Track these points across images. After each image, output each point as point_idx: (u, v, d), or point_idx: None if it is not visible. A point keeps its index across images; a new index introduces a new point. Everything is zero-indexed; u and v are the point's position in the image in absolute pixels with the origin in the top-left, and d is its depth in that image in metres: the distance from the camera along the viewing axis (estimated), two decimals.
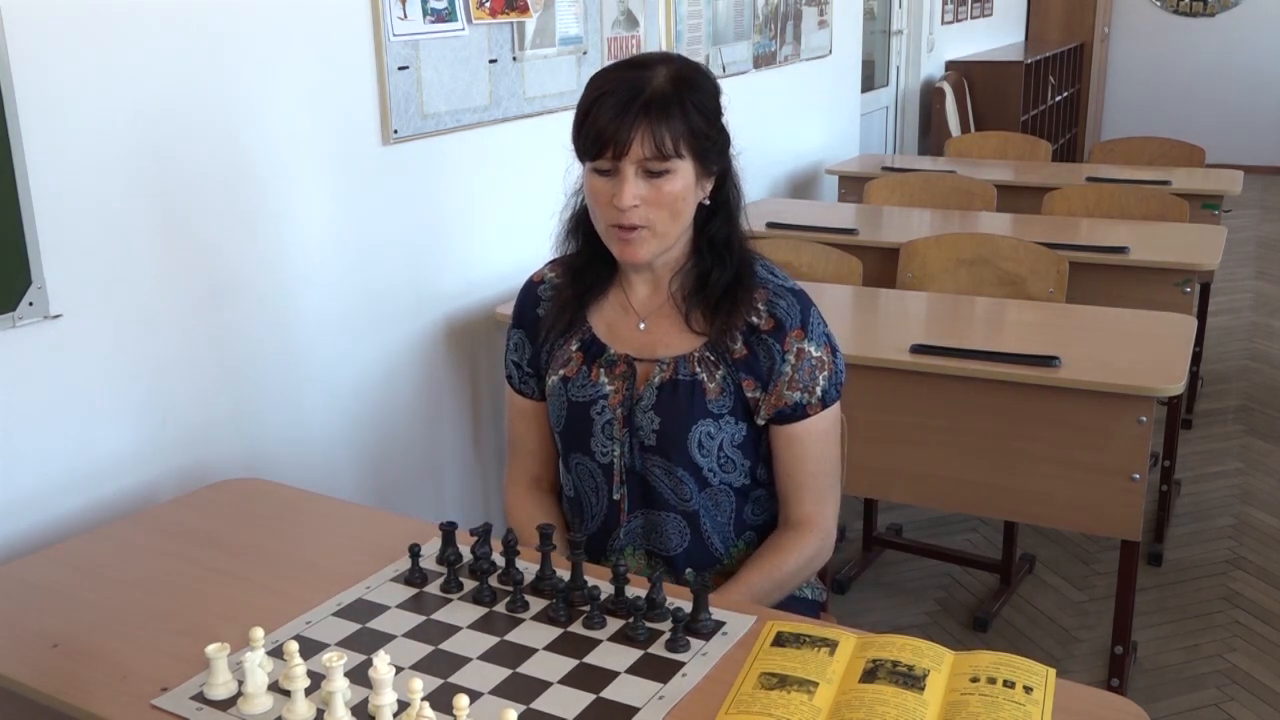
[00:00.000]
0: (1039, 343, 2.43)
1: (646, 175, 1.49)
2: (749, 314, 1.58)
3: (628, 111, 1.46)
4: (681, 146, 1.49)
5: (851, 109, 5.28)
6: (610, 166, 1.49)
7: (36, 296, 1.82)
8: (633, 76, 1.49)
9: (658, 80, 1.49)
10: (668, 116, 1.47)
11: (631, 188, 1.48)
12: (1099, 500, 2.32)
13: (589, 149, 1.50)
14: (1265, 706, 2.54)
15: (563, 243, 1.67)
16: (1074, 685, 1.25)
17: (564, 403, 1.64)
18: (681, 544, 1.64)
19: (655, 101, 1.47)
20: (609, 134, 1.47)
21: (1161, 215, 3.64)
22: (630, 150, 1.47)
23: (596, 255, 1.62)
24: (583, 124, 1.50)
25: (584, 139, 1.50)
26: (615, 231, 1.53)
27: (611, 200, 1.50)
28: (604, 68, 1.57)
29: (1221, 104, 8.98)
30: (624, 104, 1.46)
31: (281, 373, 2.31)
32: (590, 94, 1.51)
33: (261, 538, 1.67)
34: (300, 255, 2.33)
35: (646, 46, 3.38)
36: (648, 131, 1.46)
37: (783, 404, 1.58)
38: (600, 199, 1.52)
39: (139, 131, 1.97)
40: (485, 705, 1.22)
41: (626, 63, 1.56)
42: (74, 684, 1.30)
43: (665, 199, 1.50)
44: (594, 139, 1.48)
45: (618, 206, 1.49)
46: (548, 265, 1.73)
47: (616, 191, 1.49)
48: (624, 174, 1.48)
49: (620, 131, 1.46)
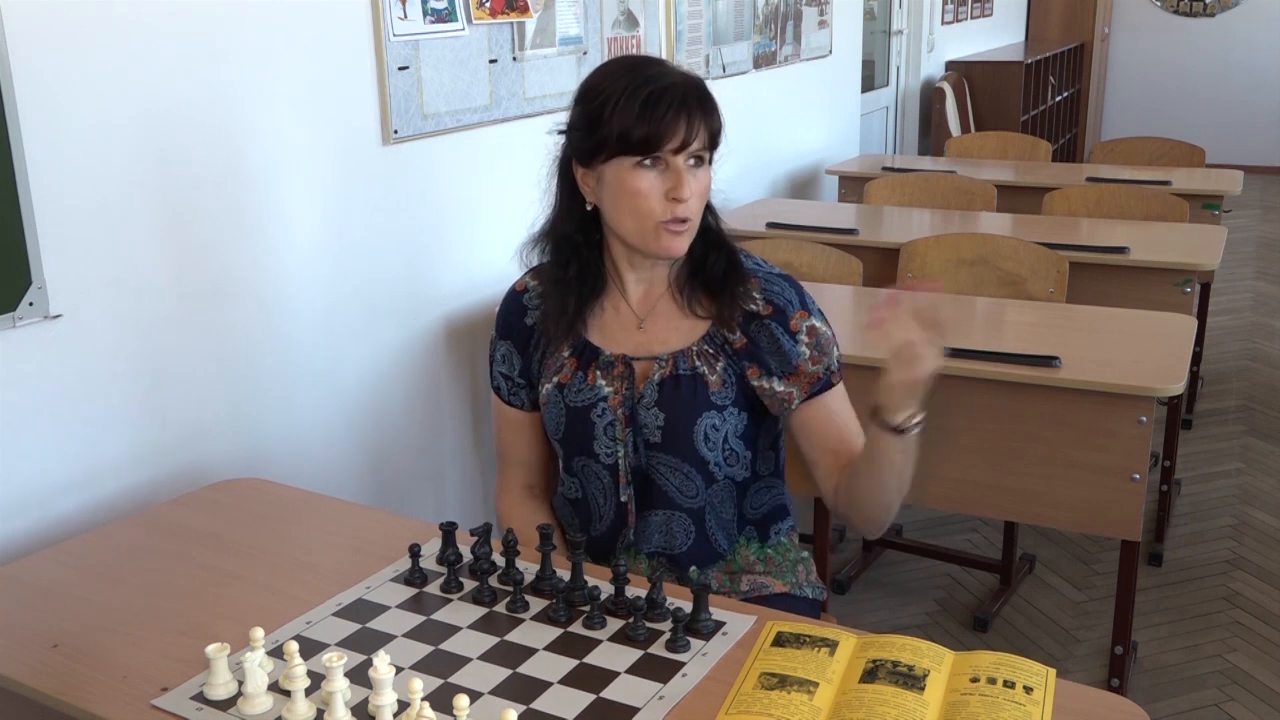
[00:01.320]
0: (1039, 343, 2.43)
1: (692, 167, 1.51)
2: (746, 302, 1.60)
3: (686, 103, 1.49)
4: (717, 138, 1.54)
5: (851, 109, 5.28)
6: (664, 161, 1.50)
7: (36, 296, 1.82)
8: (665, 71, 1.52)
9: (682, 76, 1.52)
10: (709, 109, 1.52)
11: (690, 179, 1.50)
12: (1099, 500, 2.32)
13: (647, 143, 1.48)
14: (1265, 706, 2.54)
15: (528, 253, 1.65)
16: (1074, 685, 1.25)
17: (562, 409, 1.64)
18: (686, 542, 1.64)
19: (703, 94, 1.52)
20: (673, 126, 1.48)
21: (1161, 215, 3.64)
22: (695, 141, 1.50)
23: (588, 265, 1.62)
24: (644, 114, 1.47)
25: (648, 129, 1.48)
26: (665, 226, 1.52)
27: (662, 194, 1.50)
28: (610, 66, 1.56)
29: (1221, 104, 8.98)
30: (681, 96, 1.49)
31: (281, 372, 2.31)
32: (626, 91, 1.48)
33: (261, 538, 1.67)
34: (300, 255, 2.33)
35: (647, 46, 3.38)
36: (703, 122, 1.50)
37: (814, 380, 1.61)
38: (649, 194, 1.50)
39: (139, 131, 1.97)
40: (485, 705, 1.22)
41: (639, 61, 1.56)
42: (74, 684, 1.30)
43: (704, 191, 1.55)
44: (655, 133, 1.48)
45: (677, 199, 1.50)
46: (529, 274, 1.71)
47: (673, 184, 1.50)
48: (678, 167, 1.50)
49: (685, 125, 1.48)
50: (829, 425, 1.63)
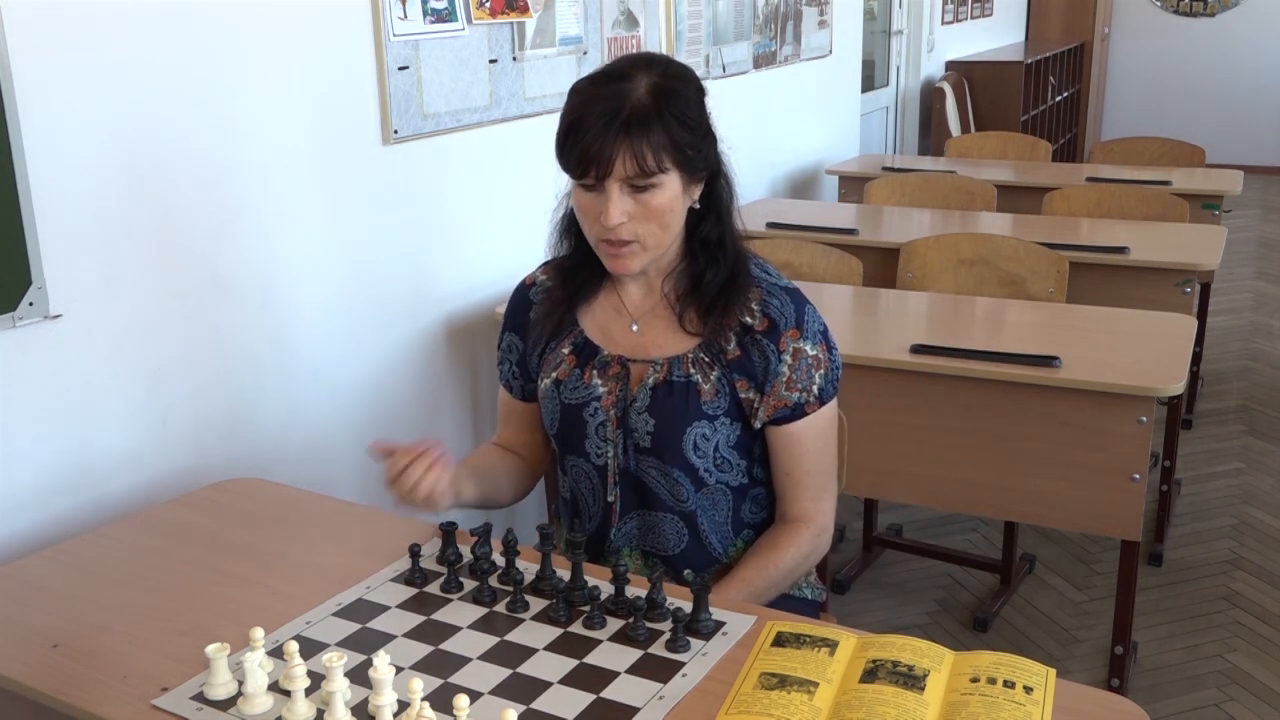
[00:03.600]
0: (1039, 343, 2.43)
1: (632, 191, 1.47)
2: (743, 314, 1.57)
3: (608, 131, 1.43)
4: (665, 160, 1.46)
5: (851, 109, 5.28)
6: (595, 184, 1.48)
7: (36, 296, 1.82)
8: (611, 92, 1.46)
9: (636, 94, 1.46)
10: (648, 132, 1.44)
11: (617, 205, 1.47)
12: (1099, 500, 2.32)
13: (573, 168, 1.49)
14: (1265, 706, 2.54)
15: (556, 245, 1.66)
16: (1074, 685, 1.25)
17: (557, 405, 1.64)
18: (679, 544, 1.64)
19: (635, 118, 1.44)
20: (591, 154, 1.44)
21: (1161, 215, 3.64)
22: (614, 169, 1.45)
23: (588, 257, 1.62)
24: (565, 143, 1.48)
25: (567, 158, 1.48)
26: (605, 246, 1.53)
27: (599, 217, 1.49)
28: (582, 80, 1.53)
29: (1221, 104, 8.98)
30: (605, 123, 1.44)
31: (282, 373, 2.31)
32: (570, 112, 1.49)
33: (261, 538, 1.67)
34: (300, 255, 2.33)
35: (646, 46, 3.38)
36: (629, 150, 1.44)
37: (782, 405, 1.58)
38: (588, 214, 1.51)
39: (139, 132, 1.97)
40: (485, 705, 1.22)
41: (604, 74, 1.51)
42: (74, 684, 1.30)
43: (653, 213, 1.49)
44: (577, 159, 1.46)
45: (604, 225, 1.48)
46: (540, 268, 1.73)
47: (602, 209, 1.48)
48: (609, 192, 1.46)
49: (603, 151, 1.44)
50: (783, 454, 1.62)
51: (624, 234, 1.49)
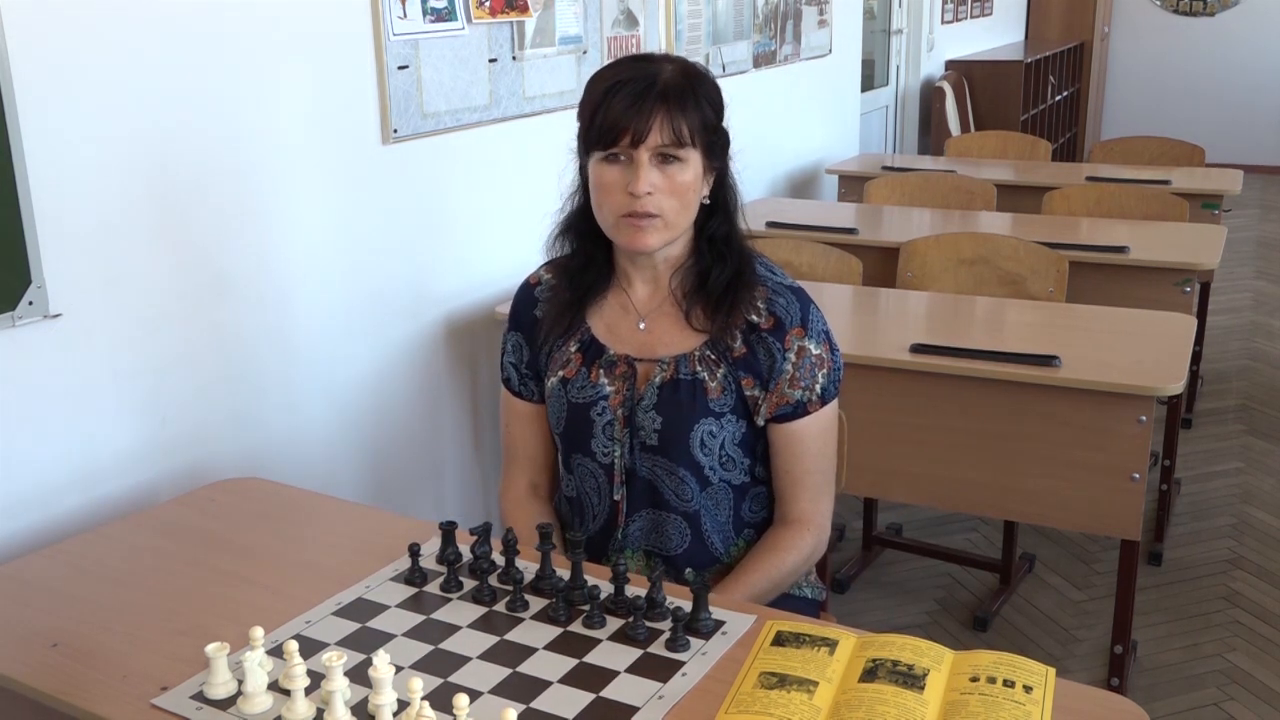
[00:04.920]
0: (1039, 342, 2.43)
1: (661, 162, 1.50)
2: (749, 312, 1.58)
3: (645, 98, 1.48)
4: (695, 136, 1.51)
5: (851, 108, 5.28)
6: (625, 154, 1.50)
7: (36, 296, 1.82)
8: (643, 70, 1.51)
9: (669, 72, 1.51)
10: (683, 105, 1.50)
11: (647, 174, 1.49)
12: (1099, 500, 2.32)
13: (604, 136, 1.50)
14: (1265, 706, 2.54)
15: (552, 245, 1.67)
16: (1074, 685, 1.25)
17: (564, 404, 1.64)
18: (682, 544, 1.64)
19: (672, 90, 1.50)
20: (627, 120, 1.48)
21: (1161, 215, 3.64)
22: (649, 136, 1.48)
23: (593, 257, 1.62)
24: (598, 111, 1.50)
25: (600, 126, 1.50)
26: (627, 220, 1.53)
27: (625, 188, 1.50)
28: (605, 67, 1.57)
29: (1221, 104, 8.98)
30: (641, 91, 1.48)
31: (281, 372, 2.31)
32: (602, 84, 1.52)
33: (261, 537, 1.67)
34: (300, 255, 2.33)
35: (646, 46, 3.38)
36: (666, 118, 1.49)
37: (784, 402, 1.59)
38: (612, 188, 1.52)
39: (139, 131, 1.97)
40: (485, 705, 1.22)
41: (632, 58, 1.58)
42: (74, 684, 1.30)
43: (678, 188, 1.52)
44: (610, 125, 1.49)
45: (633, 193, 1.50)
46: (543, 267, 1.73)
47: (631, 178, 1.50)
48: (639, 160, 1.49)
49: (639, 118, 1.48)
50: (783, 453, 1.63)
51: (649, 206, 1.51)
